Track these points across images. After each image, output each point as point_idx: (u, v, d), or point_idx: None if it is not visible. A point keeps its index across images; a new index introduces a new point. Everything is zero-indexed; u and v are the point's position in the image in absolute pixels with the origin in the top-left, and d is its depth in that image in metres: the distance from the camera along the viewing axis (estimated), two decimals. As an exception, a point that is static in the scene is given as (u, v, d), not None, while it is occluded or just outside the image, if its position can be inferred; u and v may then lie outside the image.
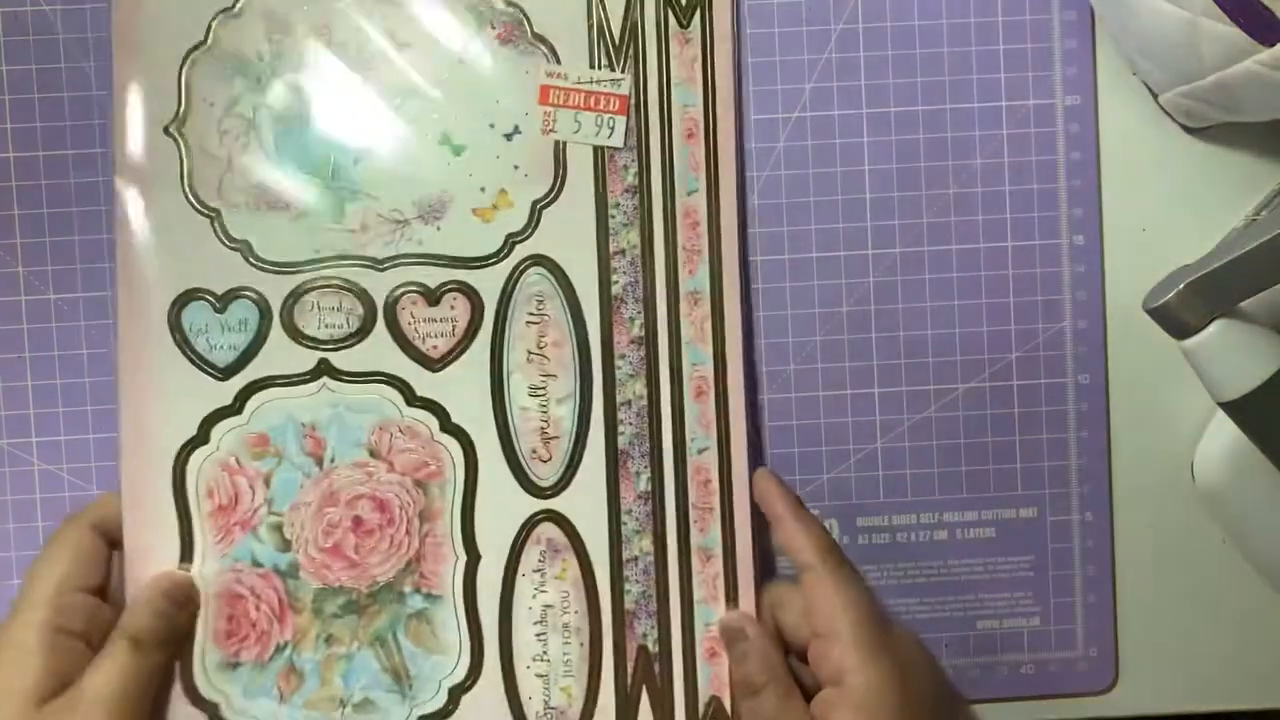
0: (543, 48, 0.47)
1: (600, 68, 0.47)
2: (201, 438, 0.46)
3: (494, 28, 0.47)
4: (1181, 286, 0.41)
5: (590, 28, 0.47)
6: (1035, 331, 0.50)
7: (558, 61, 0.47)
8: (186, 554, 0.46)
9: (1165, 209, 0.50)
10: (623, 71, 0.47)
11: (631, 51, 0.47)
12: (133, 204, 0.46)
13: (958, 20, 0.49)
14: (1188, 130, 0.50)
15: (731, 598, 0.47)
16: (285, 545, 0.47)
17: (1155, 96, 0.48)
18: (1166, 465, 0.50)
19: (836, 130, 0.49)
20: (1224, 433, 0.48)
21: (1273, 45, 0.39)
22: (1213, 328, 0.41)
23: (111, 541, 0.46)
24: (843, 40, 0.49)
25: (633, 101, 0.47)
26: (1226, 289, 0.41)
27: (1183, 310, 0.41)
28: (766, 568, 0.48)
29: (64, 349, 0.48)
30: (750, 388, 0.48)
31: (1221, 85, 0.42)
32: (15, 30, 0.48)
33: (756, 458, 0.49)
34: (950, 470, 0.50)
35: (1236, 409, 0.42)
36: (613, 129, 0.47)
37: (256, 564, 0.47)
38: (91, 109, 0.48)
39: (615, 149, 0.47)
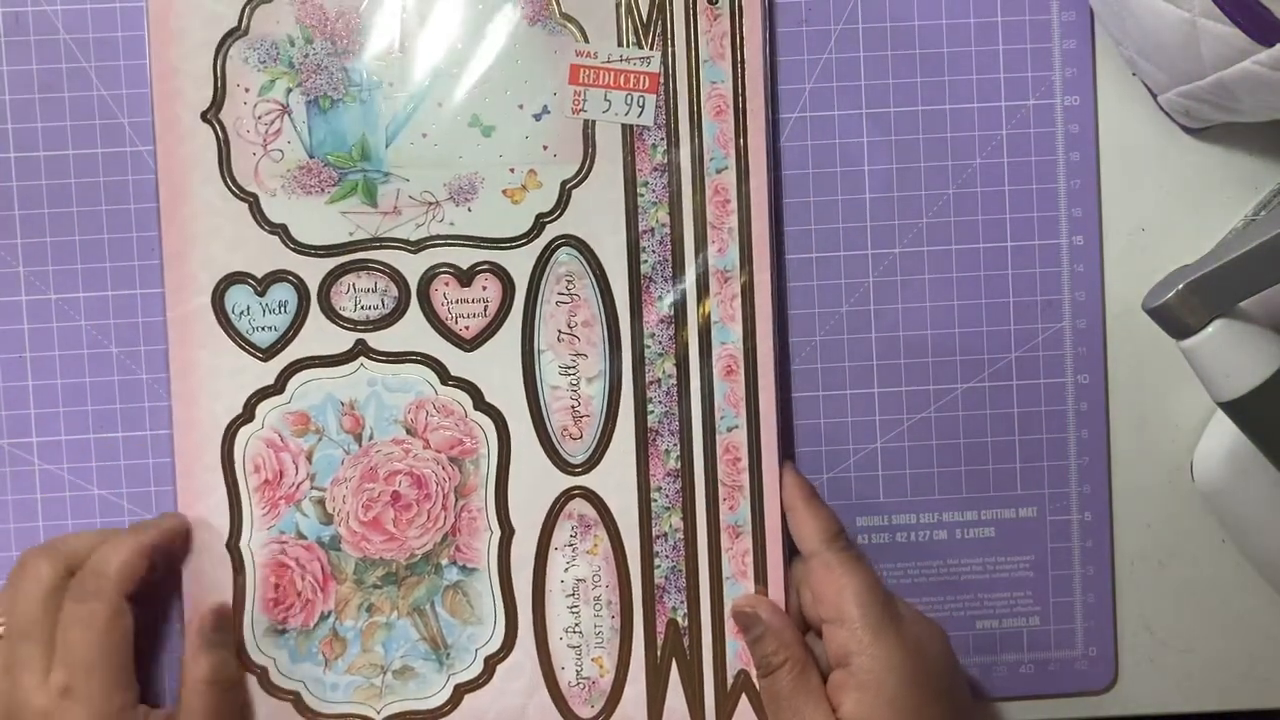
0: (571, 27, 0.47)
1: (629, 45, 0.47)
2: (247, 416, 0.47)
3: (521, 7, 0.47)
4: (1181, 286, 0.41)
5: (618, 5, 0.47)
6: (1035, 331, 0.50)
7: (586, 40, 0.47)
8: (236, 526, 0.47)
9: (1165, 209, 0.50)
10: (651, 49, 0.47)
11: (659, 29, 0.47)
12: (174, 190, 0.47)
13: (958, 20, 0.49)
14: (1187, 130, 0.50)
15: (760, 575, 0.48)
16: (327, 519, 0.48)
17: (1155, 96, 0.48)
18: (1166, 465, 0.50)
19: (836, 130, 0.49)
20: (1224, 433, 0.48)
21: (1272, 45, 0.39)
22: (1212, 328, 0.41)
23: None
24: (843, 40, 0.49)
25: (661, 79, 0.47)
26: (1226, 289, 0.41)
27: (1182, 310, 0.41)
28: (795, 545, 0.49)
29: (64, 349, 0.48)
30: (781, 365, 0.49)
31: (1221, 85, 0.42)
32: (15, 30, 0.48)
33: (786, 436, 0.49)
34: (950, 470, 0.50)
35: (1236, 409, 0.42)
36: (643, 107, 0.47)
37: (301, 536, 0.48)
38: (92, 109, 0.48)
39: (645, 127, 0.47)
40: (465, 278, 0.48)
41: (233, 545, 0.47)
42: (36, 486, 0.49)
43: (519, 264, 0.48)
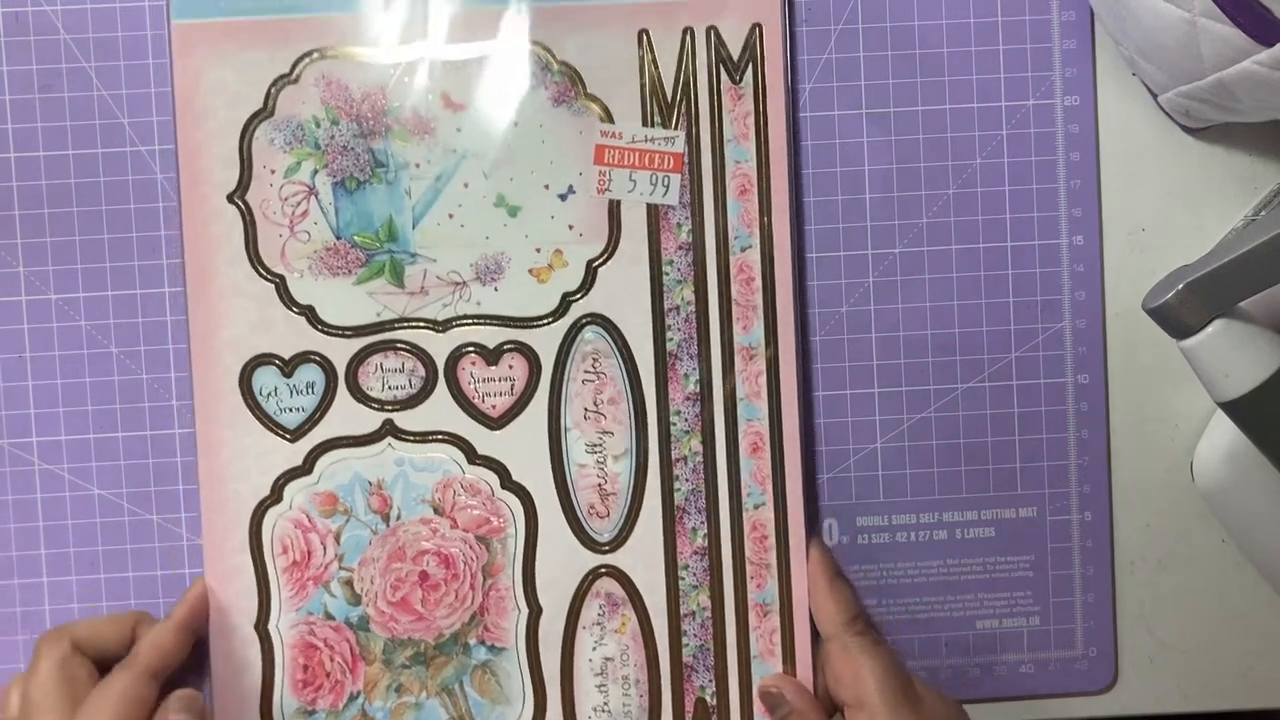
0: (596, 107, 0.47)
1: (653, 125, 0.47)
2: (275, 497, 0.48)
3: (547, 89, 0.47)
4: (1181, 286, 0.41)
5: (643, 86, 0.47)
6: (1035, 331, 0.50)
7: (611, 120, 0.47)
8: (264, 607, 0.48)
9: (1165, 209, 0.50)
10: (676, 129, 0.47)
11: (684, 108, 0.47)
12: (201, 272, 0.47)
13: (958, 20, 0.49)
14: (1187, 130, 0.50)
15: (788, 653, 0.48)
16: (356, 599, 0.48)
17: (1155, 96, 0.48)
18: (1166, 465, 0.50)
19: (836, 130, 0.49)
20: (1223, 433, 0.48)
21: (1272, 45, 0.39)
22: (1212, 328, 0.41)
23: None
24: (843, 40, 0.49)
25: (685, 159, 0.47)
26: (1226, 289, 0.41)
27: (1182, 310, 0.41)
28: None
29: (64, 349, 0.48)
30: (806, 441, 0.49)
31: (1221, 85, 0.42)
32: (15, 30, 0.48)
33: (814, 514, 0.49)
34: (950, 470, 0.50)
35: (1236, 409, 0.42)
36: (668, 187, 0.47)
37: (329, 617, 0.48)
38: (92, 109, 0.48)
39: (670, 206, 0.47)
40: (492, 357, 0.48)
41: (261, 626, 0.47)
42: (36, 486, 0.49)
43: (545, 343, 0.48)
